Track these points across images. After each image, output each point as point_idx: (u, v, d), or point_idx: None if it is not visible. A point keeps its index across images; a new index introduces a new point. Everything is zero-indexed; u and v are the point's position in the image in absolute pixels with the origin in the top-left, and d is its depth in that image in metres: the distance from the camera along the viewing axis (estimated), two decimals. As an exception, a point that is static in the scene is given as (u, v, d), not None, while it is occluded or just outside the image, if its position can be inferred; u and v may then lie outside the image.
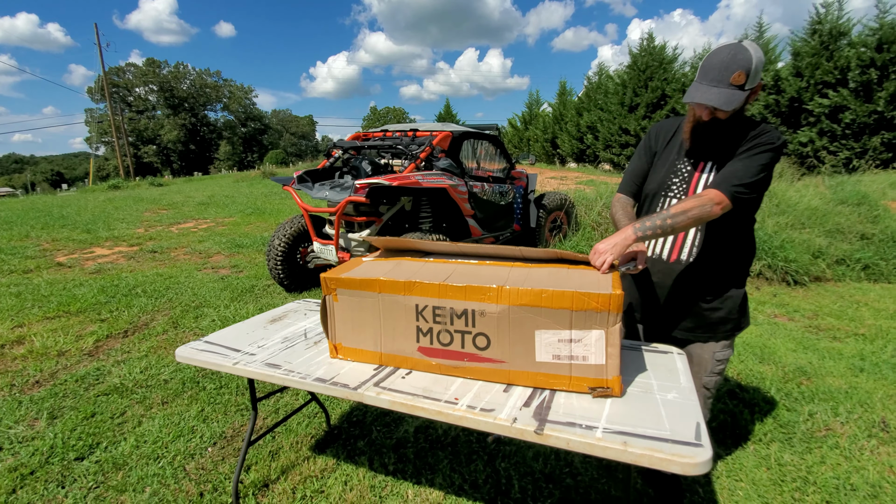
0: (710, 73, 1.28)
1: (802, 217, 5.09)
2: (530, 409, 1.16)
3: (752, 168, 1.29)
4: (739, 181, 1.28)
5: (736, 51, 1.26)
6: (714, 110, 1.31)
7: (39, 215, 9.32)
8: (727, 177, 1.30)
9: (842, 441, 2.10)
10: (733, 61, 1.25)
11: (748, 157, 1.30)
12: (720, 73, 1.26)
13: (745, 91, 1.26)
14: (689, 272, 1.46)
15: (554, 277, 1.37)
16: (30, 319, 3.64)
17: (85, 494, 1.79)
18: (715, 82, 1.27)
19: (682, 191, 1.46)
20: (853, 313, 3.82)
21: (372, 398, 1.26)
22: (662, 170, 1.51)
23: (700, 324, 1.50)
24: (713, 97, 1.26)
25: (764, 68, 12.85)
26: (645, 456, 0.97)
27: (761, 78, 1.31)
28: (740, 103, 1.26)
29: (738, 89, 1.26)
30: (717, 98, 1.26)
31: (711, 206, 1.26)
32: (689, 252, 1.46)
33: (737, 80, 1.24)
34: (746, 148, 1.32)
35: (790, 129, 12.17)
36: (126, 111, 43.09)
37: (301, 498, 1.77)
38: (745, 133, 1.36)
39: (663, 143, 1.54)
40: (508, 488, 1.81)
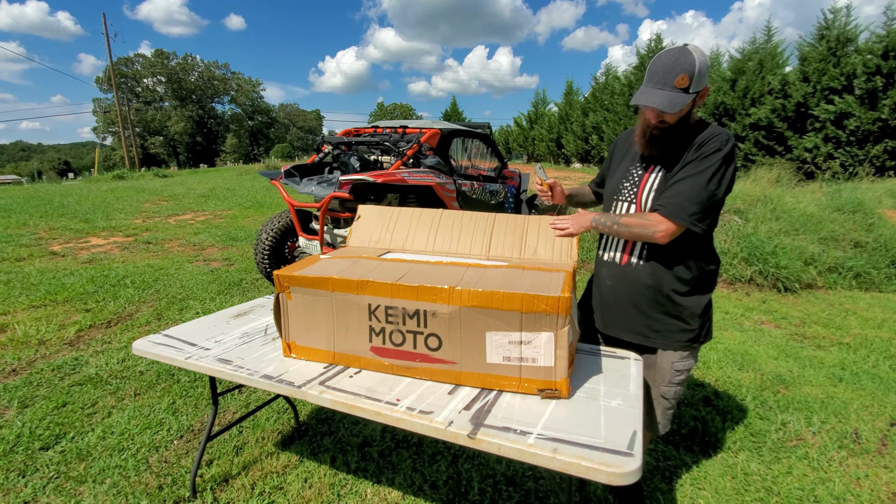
0: (656, 77, 1.28)
1: (797, 223, 5.04)
2: (469, 413, 1.15)
3: (702, 184, 1.26)
4: (692, 205, 1.27)
5: (679, 54, 1.25)
6: (660, 113, 1.30)
7: (40, 204, 9.37)
8: (679, 200, 1.28)
9: (811, 451, 2.08)
10: (676, 64, 1.25)
11: (696, 172, 1.28)
12: (664, 76, 1.26)
13: (690, 94, 1.25)
14: (640, 275, 1.45)
15: (507, 278, 1.35)
16: (15, 307, 3.66)
17: (45, 485, 1.79)
18: (660, 85, 1.27)
19: (631, 194, 1.46)
20: (841, 322, 3.77)
21: (314, 397, 1.25)
22: (616, 175, 1.52)
23: (654, 330, 1.47)
24: (657, 100, 1.26)
25: (771, 72, 12.78)
26: (572, 464, 0.96)
27: (706, 83, 1.30)
28: (685, 106, 1.26)
29: (683, 92, 1.25)
30: (661, 100, 1.25)
31: (654, 231, 1.32)
32: (640, 255, 1.44)
33: (680, 83, 1.24)
34: (694, 158, 1.30)
35: (796, 133, 12.06)
36: (134, 102, 43.30)
37: (259, 494, 1.77)
38: (693, 136, 1.34)
39: (623, 150, 1.55)
40: (468, 490, 1.80)
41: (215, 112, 49.81)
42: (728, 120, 13.40)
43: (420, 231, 1.85)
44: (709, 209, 1.29)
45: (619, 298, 1.50)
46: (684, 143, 1.35)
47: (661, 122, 1.32)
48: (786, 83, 12.18)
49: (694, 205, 1.27)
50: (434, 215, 1.89)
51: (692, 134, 1.35)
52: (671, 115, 1.29)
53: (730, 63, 14.11)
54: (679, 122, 1.32)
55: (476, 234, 1.78)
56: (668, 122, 1.31)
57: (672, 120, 1.31)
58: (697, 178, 1.27)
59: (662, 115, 1.30)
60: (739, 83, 13.16)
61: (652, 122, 1.33)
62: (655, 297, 1.44)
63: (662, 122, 1.32)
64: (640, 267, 1.44)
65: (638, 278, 1.45)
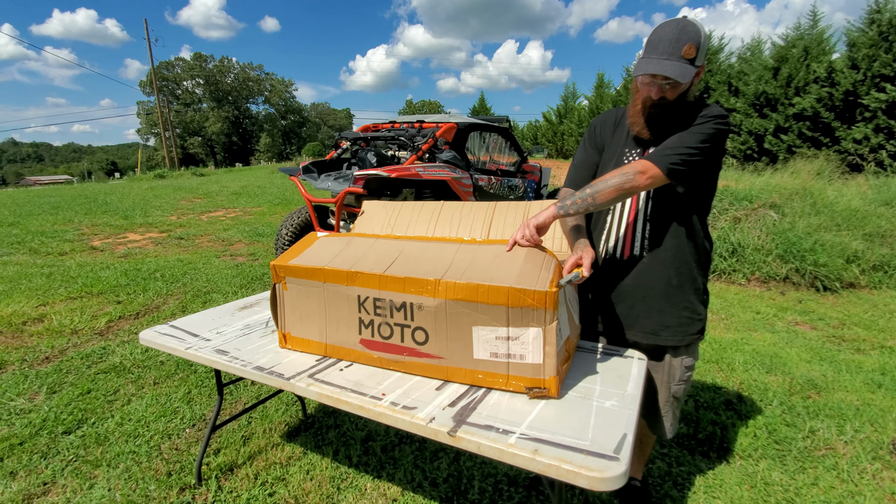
0: (661, 47, 1.20)
1: (839, 218, 4.72)
2: (453, 409, 1.12)
3: (689, 139, 1.21)
4: (674, 151, 1.20)
5: (684, 24, 1.20)
6: (664, 89, 1.23)
7: (85, 202, 9.91)
8: (661, 148, 1.23)
9: (841, 462, 1.93)
10: (683, 33, 1.19)
11: (686, 133, 1.23)
12: (671, 46, 1.19)
13: (696, 67, 1.21)
14: (646, 268, 1.37)
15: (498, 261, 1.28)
16: (54, 298, 3.87)
17: (63, 467, 1.88)
18: (666, 55, 1.19)
19: None
20: (884, 324, 3.51)
21: (302, 389, 1.25)
22: (610, 163, 1.42)
23: (665, 325, 1.39)
24: (668, 68, 1.18)
25: (817, 59, 12.04)
26: (552, 466, 0.91)
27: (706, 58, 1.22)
28: (691, 79, 1.20)
29: (690, 63, 1.19)
30: (672, 69, 1.18)
31: (634, 174, 1.19)
32: (641, 246, 1.36)
33: (688, 52, 1.18)
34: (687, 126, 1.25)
35: (844, 124, 11.33)
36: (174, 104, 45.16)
37: (261, 483, 1.79)
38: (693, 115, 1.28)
39: (609, 136, 1.45)
40: (468, 488, 1.77)
41: (250, 112, 51.36)
42: (770, 110, 12.73)
43: (421, 222, 1.83)
44: (689, 165, 1.20)
45: (625, 297, 1.42)
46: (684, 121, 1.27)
47: (661, 98, 1.24)
48: (833, 71, 11.45)
49: (675, 154, 1.20)
50: (436, 207, 1.87)
51: (692, 114, 1.28)
52: (673, 91, 1.22)
53: (772, 51, 13.38)
54: (679, 100, 1.25)
55: (476, 221, 1.75)
56: (668, 98, 1.24)
57: (673, 96, 1.23)
58: (685, 135, 1.23)
59: (665, 92, 1.23)
60: (782, 71, 12.47)
61: (653, 98, 1.25)
62: (665, 290, 1.36)
63: (663, 98, 1.24)
64: (644, 259, 1.36)
65: (644, 271, 1.37)
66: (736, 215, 4.98)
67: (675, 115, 1.27)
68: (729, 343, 3.12)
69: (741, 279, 4.51)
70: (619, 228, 1.41)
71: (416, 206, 1.90)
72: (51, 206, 9.10)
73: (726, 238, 4.72)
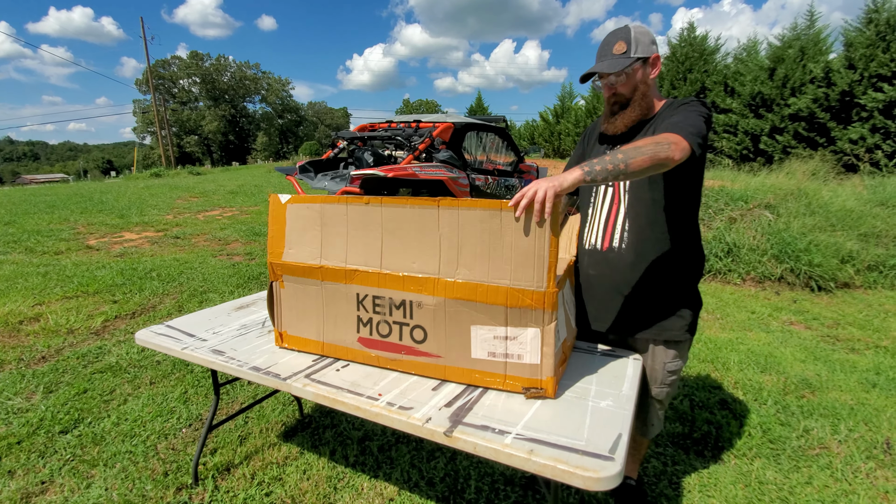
0: (599, 54, 1.36)
1: (834, 219, 4.74)
2: (450, 410, 1.13)
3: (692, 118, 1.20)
4: (694, 128, 1.15)
5: (616, 30, 1.34)
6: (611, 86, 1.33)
7: (81, 200, 9.86)
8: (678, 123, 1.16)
9: (835, 461, 1.95)
10: (612, 37, 1.33)
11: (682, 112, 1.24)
12: (603, 50, 1.34)
13: (632, 58, 1.29)
14: (623, 261, 1.37)
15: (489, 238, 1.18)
16: (50, 298, 3.86)
17: (60, 466, 1.88)
18: (601, 58, 1.34)
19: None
20: (879, 323, 3.54)
21: (298, 389, 1.25)
22: None
23: (642, 323, 1.40)
24: (598, 67, 1.32)
25: (813, 59, 12.08)
26: (548, 466, 0.92)
27: (655, 51, 1.32)
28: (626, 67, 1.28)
29: (622, 56, 1.30)
30: (601, 66, 1.31)
31: (669, 144, 1.07)
32: (621, 238, 1.38)
33: (618, 49, 1.31)
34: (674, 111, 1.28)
35: (840, 124, 11.38)
36: (171, 102, 44.96)
37: (258, 483, 1.80)
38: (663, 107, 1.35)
39: (595, 137, 1.52)
40: (464, 488, 1.78)
41: (247, 111, 51.17)
42: (765, 111, 12.78)
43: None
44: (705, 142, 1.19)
45: (603, 289, 1.43)
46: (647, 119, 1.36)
47: (615, 94, 1.34)
48: (829, 71, 11.49)
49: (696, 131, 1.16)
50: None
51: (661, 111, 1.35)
52: (622, 86, 1.32)
53: (768, 51, 13.43)
54: (638, 95, 1.33)
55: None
56: (622, 92, 1.33)
57: (625, 90, 1.33)
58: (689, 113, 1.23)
59: (614, 87, 1.33)
60: (778, 72, 12.51)
61: (606, 95, 1.37)
62: (641, 285, 1.37)
63: (616, 93, 1.34)
64: (622, 252, 1.37)
65: (621, 264, 1.37)
66: (731, 215, 5.00)
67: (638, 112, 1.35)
68: (724, 342, 3.14)
69: (736, 279, 4.54)
70: (599, 220, 1.44)
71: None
72: (46, 205, 9.05)
73: (722, 238, 4.74)
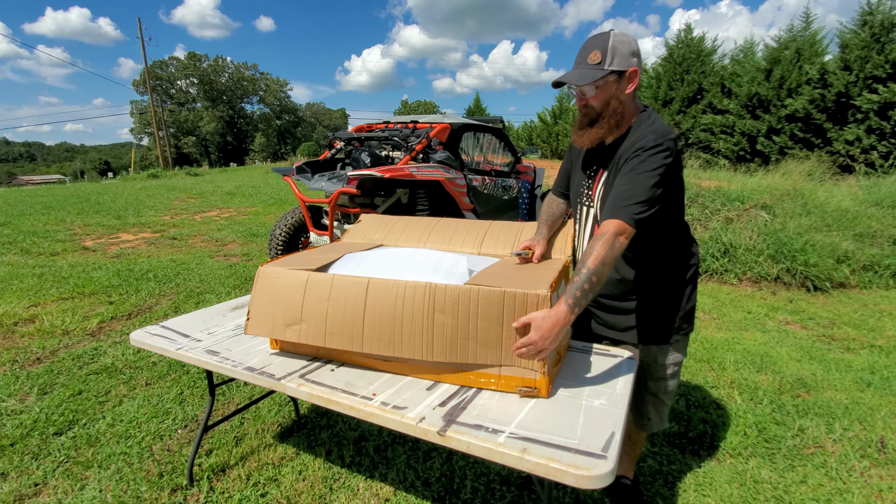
0: (575, 60, 1.30)
1: (829, 219, 4.76)
2: (444, 409, 1.13)
3: (641, 182, 1.18)
4: (632, 201, 1.17)
5: (596, 36, 1.28)
6: (581, 96, 1.29)
7: (78, 201, 9.83)
8: (619, 199, 1.20)
9: (830, 460, 1.96)
10: (590, 43, 1.27)
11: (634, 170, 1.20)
12: (579, 57, 1.29)
13: (605, 70, 1.23)
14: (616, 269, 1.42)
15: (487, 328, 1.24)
16: (46, 299, 3.84)
17: (55, 468, 1.87)
18: (576, 66, 1.29)
19: (588, 198, 1.43)
20: (874, 323, 3.55)
21: (293, 389, 1.25)
22: (577, 177, 1.49)
23: (631, 324, 1.44)
24: (568, 76, 1.28)
25: (809, 61, 12.13)
26: (541, 465, 0.92)
27: (634, 65, 1.25)
28: (596, 79, 1.23)
29: (595, 67, 1.24)
30: (571, 76, 1.27)
31: (615, 238, 1.15)
32: None
33: (593, 59, 1.25)
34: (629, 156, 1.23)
35: (836, 125, 11.43)
36: (168, 103, 44.88)
37: (253, 484, 1.79)
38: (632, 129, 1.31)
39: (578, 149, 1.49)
40: (460, 488, 1.78)
41: (245, 112, 51.09)
42: (762, 112, 12.83)
43: (414, 231, 1.84)
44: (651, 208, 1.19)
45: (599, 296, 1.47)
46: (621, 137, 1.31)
47: (585, 105, 1.30)
48: (825, 72, 11.54)
49: (634, 204, 1.17)
50: (431, 221, 1.89)
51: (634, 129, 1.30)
52: (592, 98, 1.27)
53: (765, 52, 13.48)
54: (609, 111, 1.27)
55: (469, 234, 1.75)
56: (592, 105, 1.28)
57: (595, 103, 1.27)
58: (634, 176, 1.20)
59: (585, 99, 1.29)
60: (775, 73, 12.56)
61: (577, 105, 1.33)
62: (630, 290, 1.41)
63: (587, 106, 1.30)
64: None
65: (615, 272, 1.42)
66: (728, 216, 5.02)
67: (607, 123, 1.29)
68: (720, 342, 3.14)
69: (733, 279, 4.55)
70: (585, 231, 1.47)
71: (412, 218, 1.92)
72: (43, 206, 9.02)
73: (718, 238, 4.75)
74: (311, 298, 1.31)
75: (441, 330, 1.20)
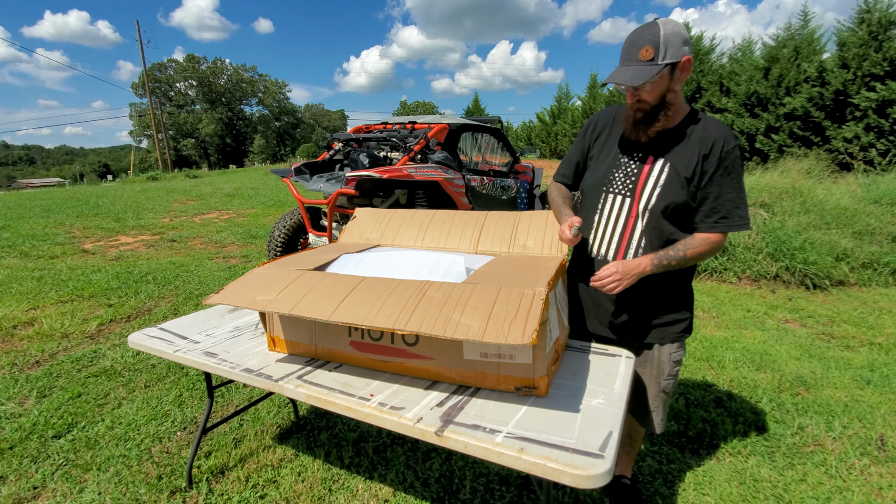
0: (624, 55, 1.25)
1: (828, 217, 4.76)
2: (441, 409, 1.12)
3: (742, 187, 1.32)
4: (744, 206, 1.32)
5: (645, 28, 1.23)
6: (634, 92, 1.26)
7: (77, 204, 9.83)
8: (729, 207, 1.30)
9: (830, 458, 1.95)
10: (640, 38, 1.21)
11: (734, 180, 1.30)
12: (629, 52, 1.23)
13: (659, 65, 1.19)
14: None
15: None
16: (45, 302, 3.84)
17: (53, 471, 1.87)
18: (626, 62, 1.24)
19: (626, 188, 1.36)
20: (873, 321, 3.55)
21: (290, 391, 1.25)
22: (604, 164, 1.42)
23: (653, 325, 1.44)
24: (621, 75, 1.22)
25: (808, 59, 12.14)
26: (538, 465, 0.92)
27: (686, 53, 1.21)
28: (652, 77, 1.19)
29: (649, 64, 1.20)
30: (624, 75, 1.22)
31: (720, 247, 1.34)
32: (635, 252, 1.37)
33: (644, 55, 1.20)
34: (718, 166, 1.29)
35: (834, 123, 11.43)
36: (167, 105, 44.87)
37: (252, 486, 1.79)
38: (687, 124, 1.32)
39: (605, 134, 1.45)
40: (459, 488, 1.78)
41: (244, 114, 51.06)
42: (761, 110, 12.83)
43: (410, 228, 1.84)
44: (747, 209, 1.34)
45: (617, 297, 1.41)
46: (679, 131, 1.31)
47: (639, 101, 1.27)
48: (823, 70, 11.55)
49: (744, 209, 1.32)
50: (426, 215, 1.88)
51: (686, 121, 1.32)
52: (647, 93, 1.24)
53: (763, 51, 13.49)
54: (663, 102, 1.26)
55: (466, 229, 1.75)
56: (646, 100, 1.26)
57: (650, 98, 1.25)
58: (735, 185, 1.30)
59: (638, 94, 1.26)
60: (773, 71, 12.57)
61: (629, 101, 1.29)
62: (654, 291, 1.39)
63: (641, 101, 1.27)
64: None
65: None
66: (727, 214, 5.01)
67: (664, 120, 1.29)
68: (719, 341, 3.14)
69: (732, 277, 4.55)
70: (612, 232, 1.41)
71: (407, 213, 1.91)
72: (42, 209, 9.02)
73: (718, 237, 4.74)
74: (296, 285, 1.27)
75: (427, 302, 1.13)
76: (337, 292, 1.21)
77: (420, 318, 1.07)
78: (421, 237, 1.78)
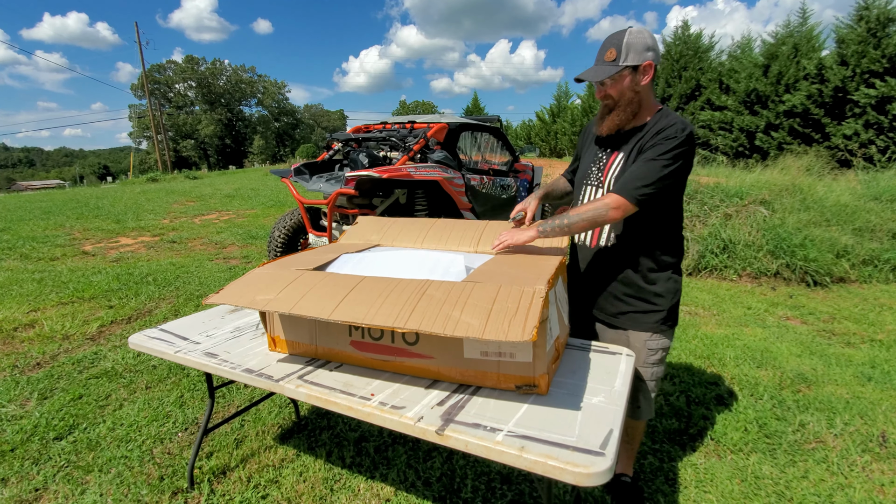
0: (596, 57, 1.40)
1: (828, 214, 4.76)
2: (442, 408, 1.12)
3: (655, 167, 1.30)
4: (642, 182, 1.30)
5: (614, 34, 1.36)
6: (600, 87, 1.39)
7: (77, 206, 9.83)
8: (630, 179, 1.32)
9: (831, 455, 1.95)
10: (608, 41, 1.36)
11: (652, 156, 1.32)
12: (598, 55, 1.39)
13: (619, 66, 1.32)
14: (608, 257, 1.49)
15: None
16: (45, 304, 3.84)
17: (55, 473, 1.87)
18: (595, 62, 1.39)
19: (598, 179, 1.50)
20: (874, 318, 3.55)
21: (291, 391, 1.25)
22: (585, 160, 1.58)
23: (622, 311, 1.50)
24: (588, 72, 1.38)
25: (807, 56, 12.13)
26: (539, 463, 0.92)
27: (648, 59, 1.33)
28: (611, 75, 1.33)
29: (611, 64, 1.33)
30: (589, 72, 1.37)
31: (607, 210, 1.32)
32: (608, 238, 1.49)
33: (608, 56, 1.34)
34: (652, 144, 1.33)
35: (834, 120, 11.43)
36: (166, 107, 44.89)
37: (254, 486, 1.79)
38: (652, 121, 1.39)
39: (592, 137, 1.58)
40: (461, 487, 1.78)
41: (243, 115, 51.06)
42: (760, 107, 12.83)
43: (411, 232, 1.84)
44: (657, 192, 1.31)
45: (591, 281, 1.54)
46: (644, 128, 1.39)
47: (605, 96, 1.40)
48: (822, 67, 11.54)
49: (644, 186, 1.30)
50: (428, 222, 1.90)
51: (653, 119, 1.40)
52: (610, 88, 1.37)
53: (762, 48, 13.49)
54: (624, 100, 1.37)
55: (466, 233, 1.76)
56: (611, 94, 1.38)
57: (613, 93, 1.37)
58: (651, 161, 1.31)
59: (604, 90, 1.38)
60: (772, 69, 12.56)
61: (597, 96, 1.42)
62: (623, 279, 1.48)
63: (606, 96, 1.39)
64: (608, 249, 1.49)
65: (606, 260, 1.50)
66: (727, 212, 5.02)
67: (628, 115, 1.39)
68: (720, 338, 3.14)
69: (732, 275, 4.55)
70: None
71: (408, 220, 1.93)
72: (42, 211, 9.02)
73: (717, 234, 4.75)
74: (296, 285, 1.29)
75: (427, 300, 1.13)
76: (337, 291, 1.21)
77: (420, 317, 1.07)
78: (421, 239, 1.78)
